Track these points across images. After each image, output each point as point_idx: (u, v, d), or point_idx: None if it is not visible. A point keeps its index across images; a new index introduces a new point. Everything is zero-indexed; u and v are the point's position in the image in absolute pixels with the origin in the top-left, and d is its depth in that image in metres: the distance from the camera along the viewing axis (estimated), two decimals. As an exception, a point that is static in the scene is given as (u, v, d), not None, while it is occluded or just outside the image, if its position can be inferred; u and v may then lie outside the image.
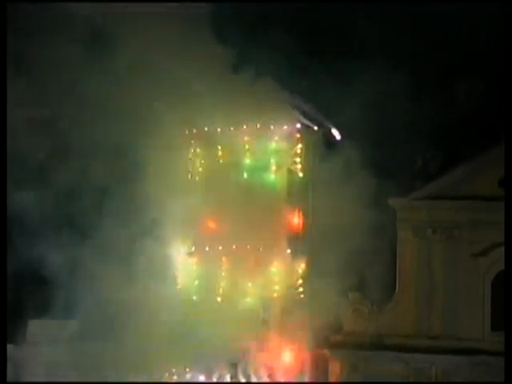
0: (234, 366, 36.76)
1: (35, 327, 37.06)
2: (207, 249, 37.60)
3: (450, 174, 37.29)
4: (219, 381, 36.91)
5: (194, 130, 37.85)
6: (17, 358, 36.10)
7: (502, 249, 35.80)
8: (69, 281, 36.28)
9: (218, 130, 37.85)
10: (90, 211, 36.35)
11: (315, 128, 37.96)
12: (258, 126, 37.56)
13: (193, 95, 36.01)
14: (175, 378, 37.36)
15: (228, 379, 36.85)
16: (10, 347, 33.77)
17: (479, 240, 37.02)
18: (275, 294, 37.31)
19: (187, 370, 37.25)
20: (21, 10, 35.84)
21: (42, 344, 36.39)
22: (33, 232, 36.48)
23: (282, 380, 36.75)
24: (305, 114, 37.46)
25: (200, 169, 38.13)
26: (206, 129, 37.81)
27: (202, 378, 37.07)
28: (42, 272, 36.23)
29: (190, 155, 38.18)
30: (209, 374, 37.01)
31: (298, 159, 37.97)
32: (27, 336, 37.11)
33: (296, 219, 37.98)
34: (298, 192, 38.00)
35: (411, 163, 37.62)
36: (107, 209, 36.31)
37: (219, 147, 37.96)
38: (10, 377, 33.40)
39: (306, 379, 36.65)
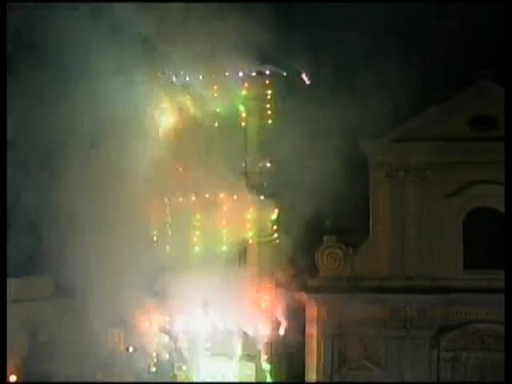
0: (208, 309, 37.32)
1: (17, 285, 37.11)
2: (180, 199, 37.75)
3: (421, 115, 37.26)
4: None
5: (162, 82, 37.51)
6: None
7: (474, 188, 36.81)
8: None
9: (187, 78, 37.58)
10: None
11: (284, 74, 37.74)
12: (227, 73, 37.26)
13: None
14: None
15: (206, 322, 37.48)
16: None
17: (451, 180, 37.23)
18: (250, 241, 37.75)
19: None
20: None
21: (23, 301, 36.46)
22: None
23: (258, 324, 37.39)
24: (273, 60, 37.12)
25: (171, 119, 37.96)
26: (174, 79, 37.49)
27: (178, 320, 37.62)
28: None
29: (159, 105, 37.93)
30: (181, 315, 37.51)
31: (267, 105, 37.84)
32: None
33: (268, 165, 38.14)
34: (270, 138, 37.93)
35: (383, 105, 37.44)
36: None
37: (189, 96, 37.72)
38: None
39: (284, 323, 37.31)
